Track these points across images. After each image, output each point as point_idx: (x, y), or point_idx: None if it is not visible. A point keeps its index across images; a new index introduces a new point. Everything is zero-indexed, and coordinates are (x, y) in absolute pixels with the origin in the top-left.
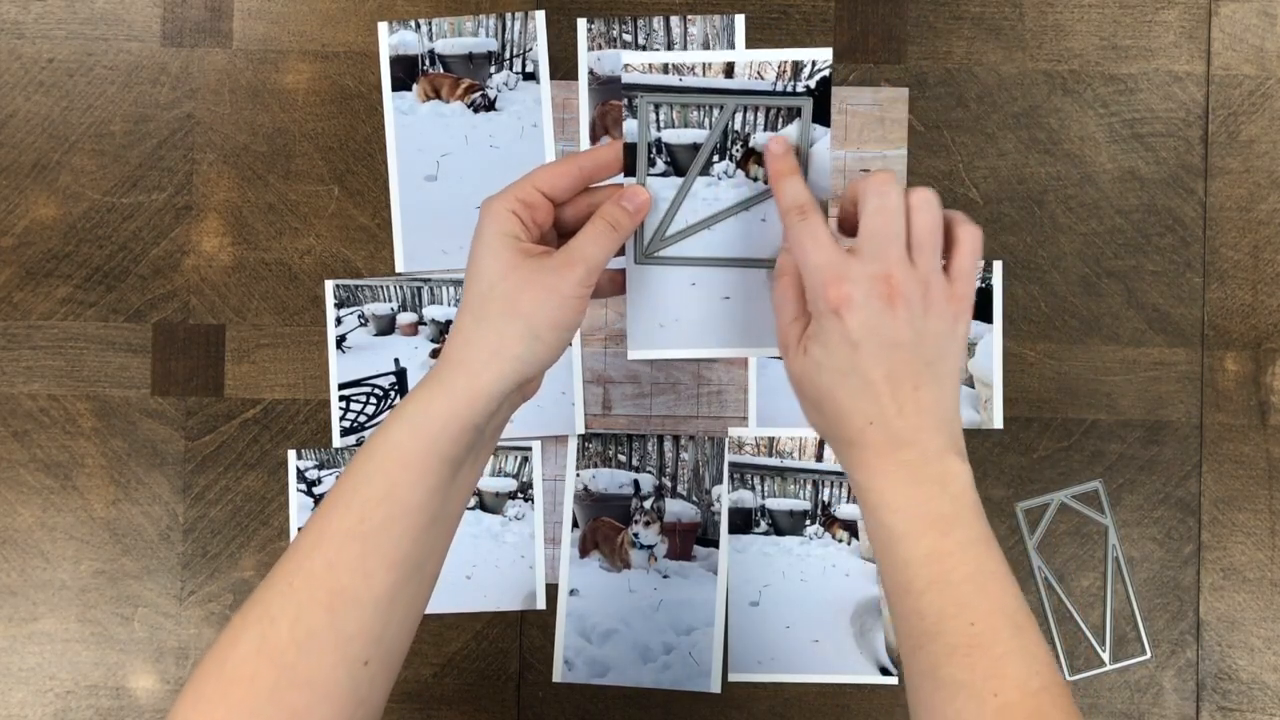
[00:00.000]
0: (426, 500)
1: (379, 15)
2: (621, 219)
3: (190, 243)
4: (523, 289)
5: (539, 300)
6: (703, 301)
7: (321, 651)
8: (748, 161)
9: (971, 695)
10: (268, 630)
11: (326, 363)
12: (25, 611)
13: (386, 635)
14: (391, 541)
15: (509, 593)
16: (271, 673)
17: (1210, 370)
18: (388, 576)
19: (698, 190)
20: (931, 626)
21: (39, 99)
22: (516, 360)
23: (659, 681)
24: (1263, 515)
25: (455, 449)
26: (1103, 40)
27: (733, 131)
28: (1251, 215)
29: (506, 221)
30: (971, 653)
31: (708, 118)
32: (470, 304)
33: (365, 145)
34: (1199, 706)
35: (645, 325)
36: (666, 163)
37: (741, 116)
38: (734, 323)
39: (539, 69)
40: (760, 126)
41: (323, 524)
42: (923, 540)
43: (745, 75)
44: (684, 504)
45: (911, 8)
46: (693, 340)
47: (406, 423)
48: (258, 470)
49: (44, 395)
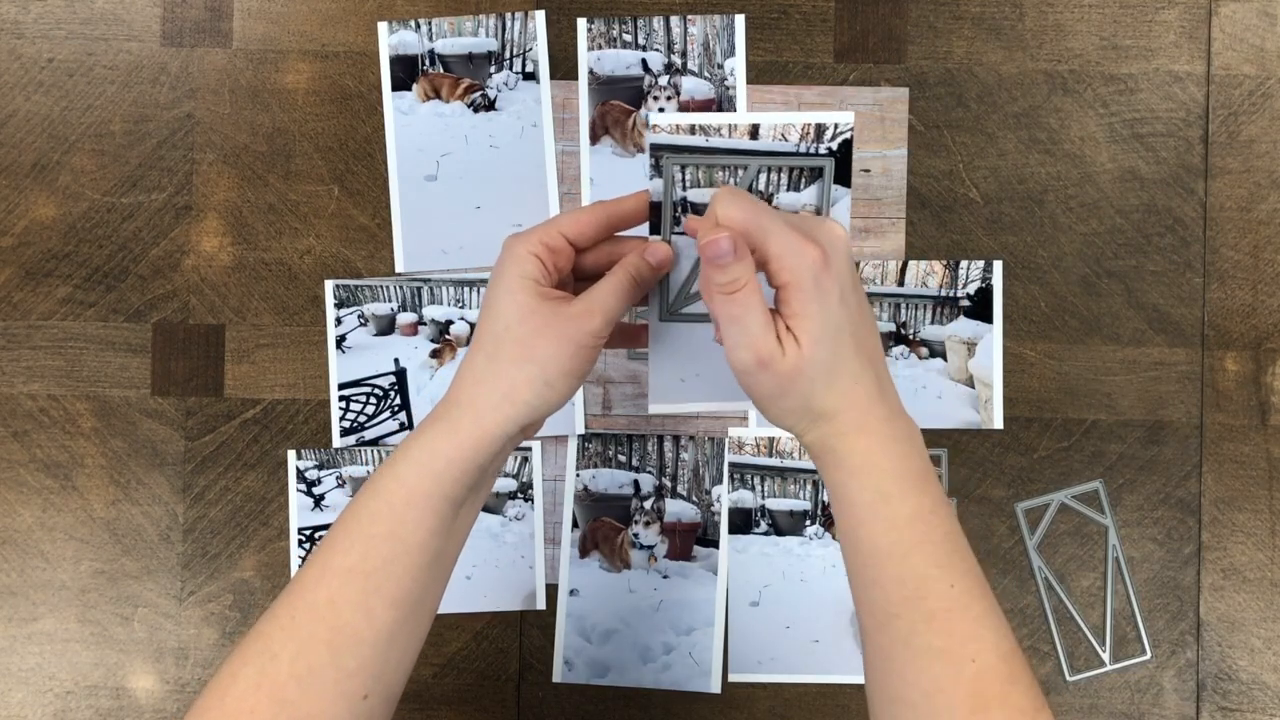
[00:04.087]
0: (428, 539)
1: (379, 15)
2: (644, 272)
3: (190, 243)
4: (539, 334)
5: (554, 347)
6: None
7: (322, 687)
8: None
9: (949, 662)
10: (268, 665)
11: (326, 363)
12: (25, 611)
13: (386, 670)
14: (394, 579)
15: (509, 593)
16: (270, 708)
17: (1210, 370)
18: (389, 614)
19: None
20: (912, 592)
21: (39, 99)
22: (525, 405)
23: (659, 681)
24: (1263, 515)
25: (457, 489)
26: (1103, 40)
27: (757, 191)
28: (1251, 215)
29: (528, 263)
30: (950, 617)
31: (732, 178)
32: (483, 343)
33: (365, 145)
34: (1199, 707)
35: (667, 379)
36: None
37: (765, 177)
38: None
39: (539, 69)
40: (784, 187)
41: (325, 559)
42: (909, 499)
43: (769, 137)
44: (684, 504)
45: (911, 8)
46: (712, 394)
47: (412, 462)
48: (258, 470)
49: (44, 395)
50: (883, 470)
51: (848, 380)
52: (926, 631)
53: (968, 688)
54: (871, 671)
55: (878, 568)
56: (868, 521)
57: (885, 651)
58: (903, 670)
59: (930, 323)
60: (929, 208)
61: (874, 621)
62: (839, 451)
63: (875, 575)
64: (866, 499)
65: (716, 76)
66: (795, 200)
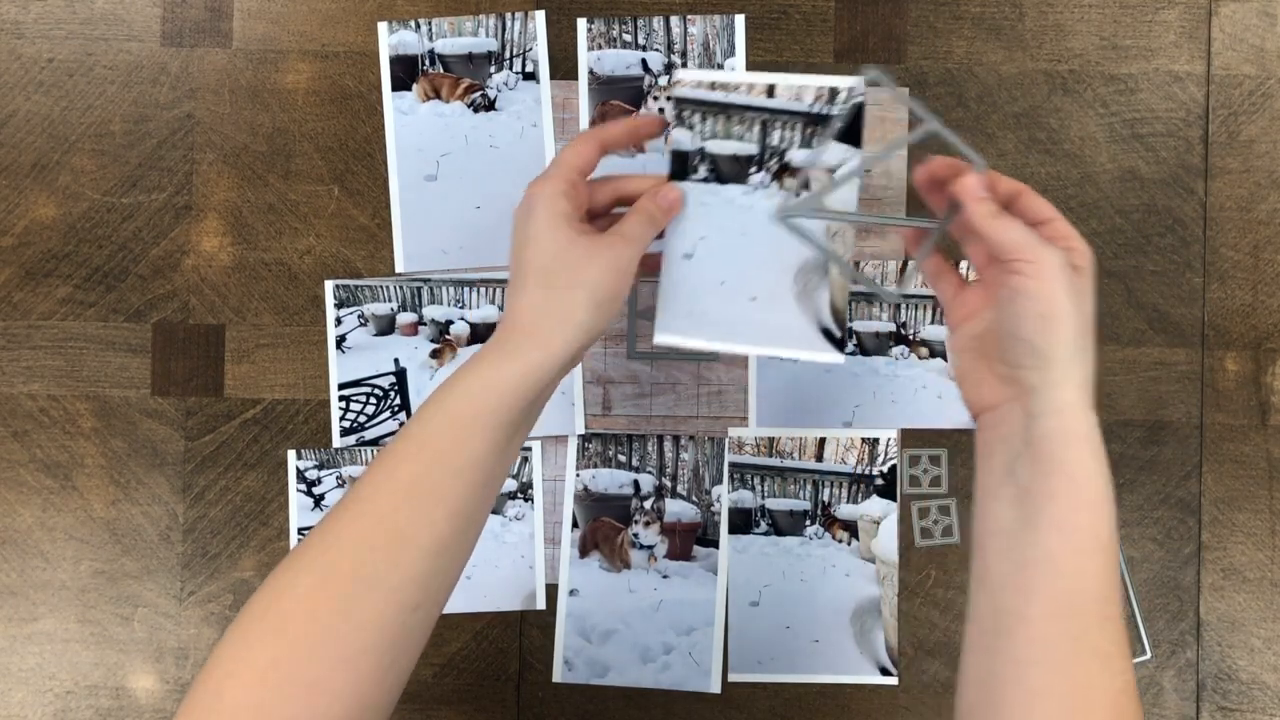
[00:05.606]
0: (486, 458)
1: (379, 15)
2: (656, 214)
3: (190, 243)
4: (585, 261)
5: (600, 272)
6: (730, 299)
7: (379, 593)
8: (782, 175)
9: (1107, 668)
10: (330, 569)
11: (326, 363)
12: (25, 611)
13: (435, 584)
14: (455, 493)
15: (509, 593)
16: (330, 610)
17: (1210, 370)
18: (447, 525)
19: (734, 197)
20: (1095, 589)
21: (39, 99)
22: (581, 327)
23: (659, 681)
24: (1263, 515)
25: (515, 414)
26: (1103, 40)
27: (770, 147)
28: (1251, 215)
29: (561, 202)
30: (1118, 622)
31: (749, 132)
32: (532, 276)
33: (365, 145)
34: (1199, 707)
35: (675, 312)
36: (709, 170)
37: (779, 133)
38: (756, 322)
39: (539, 69)
40: (796, 144)
41: (390, 470)
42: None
43: (785, 97)
44: (684, 504)
45: (911, 8)
46: (717, 334)
47: (479, 383)
48: (258, 470)
49: (44, 395)
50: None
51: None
52: (1099, 634)
53: (1113, 698)
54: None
55: (1086, 557)
56: (1098, 505)
57: (1039, 643)
58: (1057, 664)
59: (931, 322)
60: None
61: (1042, 612)
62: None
63: (1081, 565)
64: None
65: None
66: (813, 158)
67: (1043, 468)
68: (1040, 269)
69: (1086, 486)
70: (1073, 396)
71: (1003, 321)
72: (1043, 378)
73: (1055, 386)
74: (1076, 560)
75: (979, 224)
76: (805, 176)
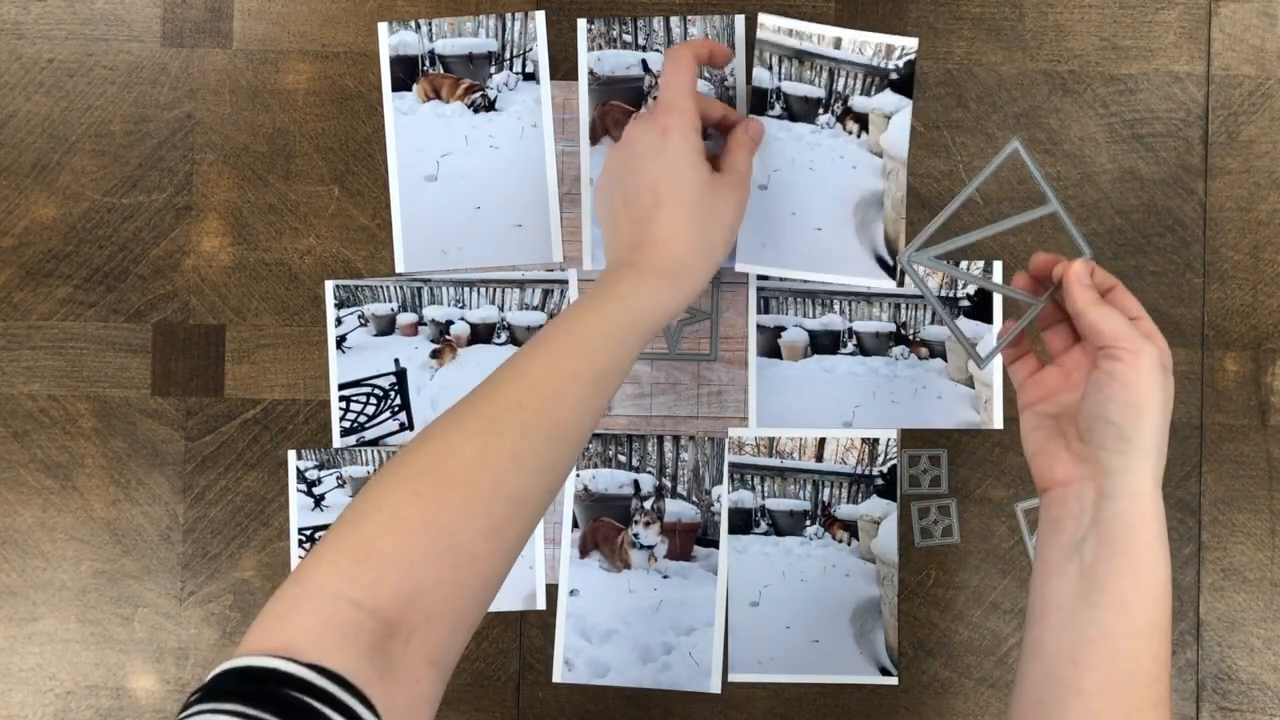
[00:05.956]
0: (626, 367)
1: (379, 15)
2: (751, 147)
3: (190, 243)
4: (723, 203)
5: (736, 214)
6: (800, 230)
7: (532, 474)
8: (845, 118)
9: None
10: (492, 442)
11: (326, 363)
12: (25, 611)
13: (562, 476)
14: (605, 391)
15: (509, 593)
16: (489, 483)
17: (1210, 370)
18: (591, 421)
19: (803, 134)
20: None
21: (39, 99)
22: (715, 267)
23: (659, 682)
24: (1263, 515)
25: (652, 336)
26: (1103, 40)
27: (835, 91)
28: (1251, 215)
29: (695, 138)
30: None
31: (818, 77)
32: (680, 211)
33: (365, 145)
34: (1199, 707)
35: (750, 242)
36: (784, 108)
37: (844, 80)
38: (821, 251)
39: (539, 69)
40: (857, 91)
41: (553, 362)
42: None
43: (850, 49)
44: (684, 504)
45: (911, 8)
46: (787, 262)
47: (638, 300)
48: (258, 470)
49: (44, 395)
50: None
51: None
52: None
53: None
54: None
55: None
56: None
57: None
58: None
59: (930, 323)
60: (929, 208)
61: (1094, 684)
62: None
63: (1138, 646)
64: (1162, 572)
65: (716, 76)
66: (868, 104)
67: (1110, 548)
68: (1138, 360)
69: (1150, 571)
70: (1148, 484)
71: (1092, 404)
72: (1123, 462)
73: (1133, 472)
74: (1133, 641)
75: (1082, 308)
76: (865, 119)
